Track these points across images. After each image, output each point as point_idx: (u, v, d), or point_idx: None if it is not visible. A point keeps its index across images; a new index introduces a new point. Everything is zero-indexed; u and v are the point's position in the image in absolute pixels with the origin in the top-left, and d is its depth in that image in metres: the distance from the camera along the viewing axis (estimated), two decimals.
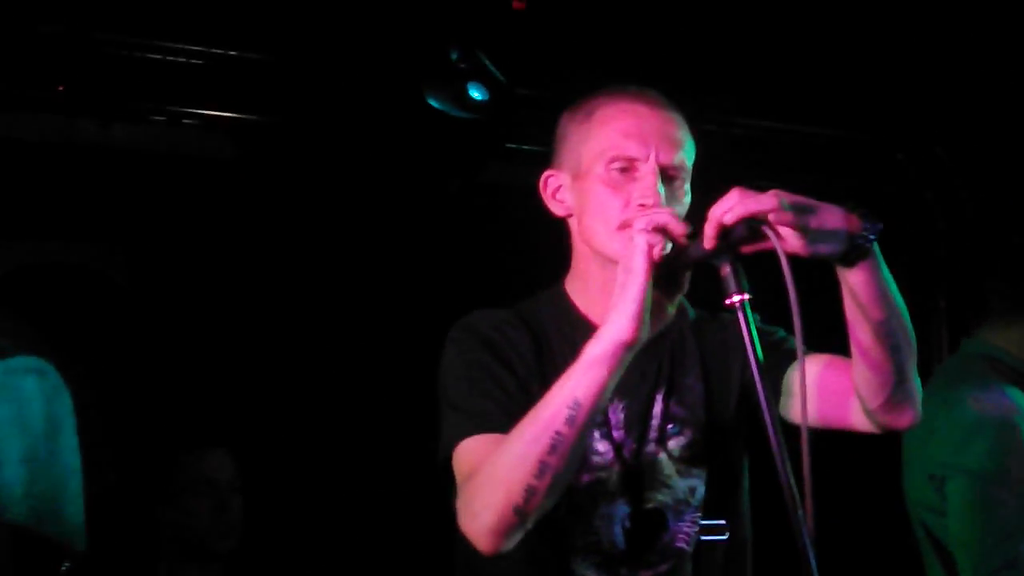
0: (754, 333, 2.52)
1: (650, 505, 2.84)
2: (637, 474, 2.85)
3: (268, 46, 5.01)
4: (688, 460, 2.90)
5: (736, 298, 2.54)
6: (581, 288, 2.93)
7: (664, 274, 2.68)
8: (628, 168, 2.80)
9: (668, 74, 5.61)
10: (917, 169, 6.60)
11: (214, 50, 4.94)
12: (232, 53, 4.98)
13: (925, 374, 6.51)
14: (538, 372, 2.83)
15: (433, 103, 5.04)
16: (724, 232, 2.55)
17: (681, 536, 2.90)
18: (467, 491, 2.66)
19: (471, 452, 2.71)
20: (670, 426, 2.89)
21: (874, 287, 2.66)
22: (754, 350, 2.51)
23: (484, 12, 4.95)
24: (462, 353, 2.83)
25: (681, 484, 2.88)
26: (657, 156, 2.80)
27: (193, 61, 4.93)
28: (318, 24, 4.97)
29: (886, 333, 2.67)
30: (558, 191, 2.94)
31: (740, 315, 2.54)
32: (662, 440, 2.88)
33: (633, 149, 2.80)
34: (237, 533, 4.87)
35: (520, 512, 2.59)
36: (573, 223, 2.94)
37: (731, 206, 2.54)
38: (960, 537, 4.01)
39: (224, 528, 4.82)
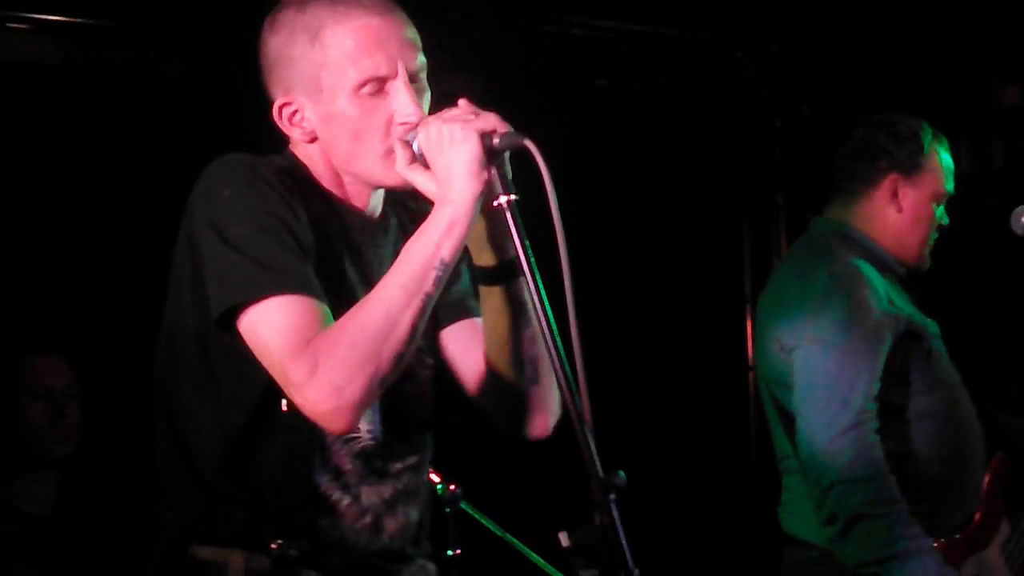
0: (523, 232, 2.56)
1: (397, 395, 2.76)
2: None
3: None
4: (425, 350, 2.86)
5: (503, 199, 2.58)
6: (327, 177, 2.79)
7: None
8: (379, 88, 2.69)
9: None
10: (755, 67, 6.64)
11: None
12: None
13: (765, 270, 6.67)
14: (311, 235, 2.67)
15: None
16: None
17: (423, 427, 2.89)
18: (310, 362, 2.49)
19: (290, 313, 2.53)
20: None
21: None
22: (524, 249, 2.55)
23: None
24: (249, 191, 2.63)
25: (420, 374, 2.84)
26: (405, 66, 2.70)
27: None
28: None
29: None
30: (294, 117, 2.77)
31: (508, 215, 2.57)
32: None
33: (382, 68, 2.68)
34: (73, 440, 4.84)
35: (385, 382, 2.54)
36: (319, 145, 2.79)
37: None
38: (803, 403, 4.11)
39: (60, 434, 4.79)
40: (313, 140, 2.78)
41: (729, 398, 6.65)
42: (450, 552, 4.18)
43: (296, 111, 2.77)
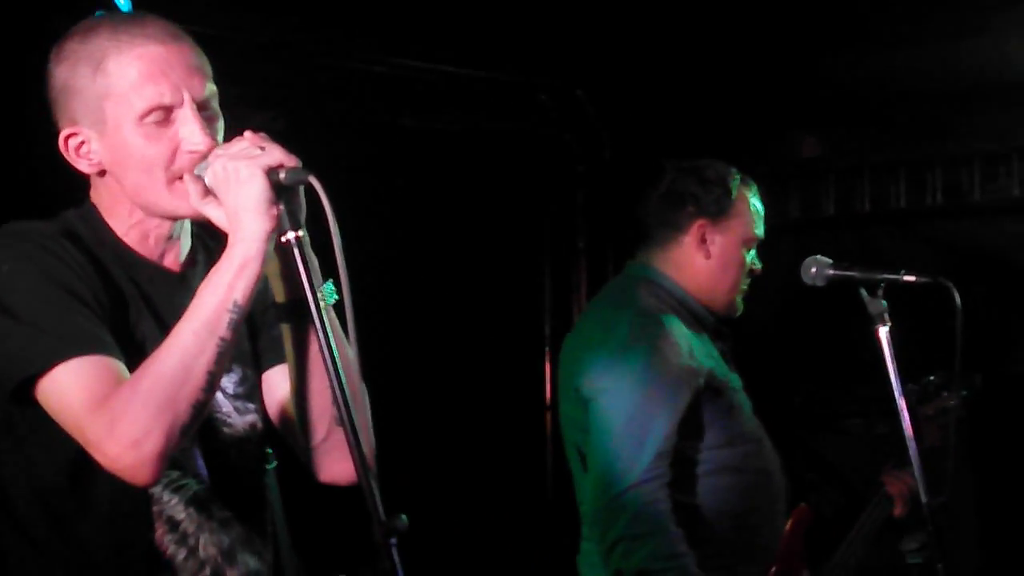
0: (312, 271, 2.54)
1: (218, 443, 2.74)
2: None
3: None
4: (244, 396, 2.83)
5: (291, 235, 2.54)
6: (122, 225, 2.74)
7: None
8: (165, 117, 2.64)
9: (307, 11, 5.58)
10: (559, 111, 6.69)
11: None
12: None
13: (565, 313, 6.71)
14: (102, 293, 2.63)
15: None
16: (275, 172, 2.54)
17: (252, 473, 2.85)
18: (107, 419, 2.44)
19: (83, 375, 2.49)
20: None
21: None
22: (312, 289, 2.52)
23: None
24: (28, 264, 2.57)
25: (240, 421, 2.80)
26: (191, 95, 2.65)
27: None
28: None
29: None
30: (81, 148, 2.71)
31: (297, 252, 2.54)
32: None
33: (166, 96, 2.63)
34: None
35: (186, 431, 2.49)
36: (108, 178, 2.73)
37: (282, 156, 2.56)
38: (594, 456, 4.11)
39: None
40: (102, 173, 2.72)
41: (527, 439, 6.66)
42: None
43: (82, 142, 2.70)
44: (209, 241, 2.86)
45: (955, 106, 6.42)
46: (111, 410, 2.46)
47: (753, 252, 4.42)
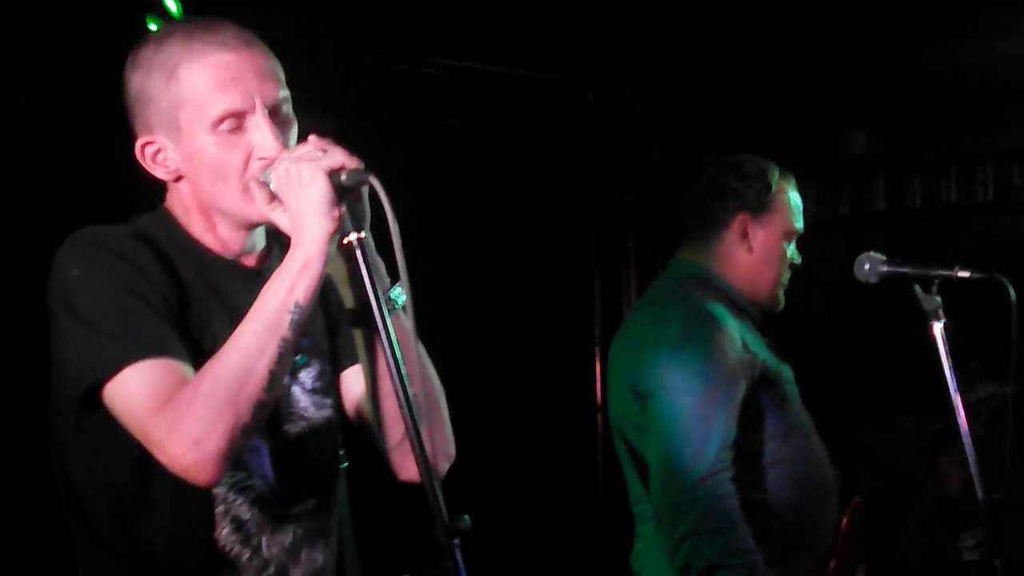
0: (373, 271, 2.54)
1: (290, 439, 2.77)
2: (272, 409, 2.69)
3: None
4: (321, 391, 2.85)
5: (353, 236, 2.55)
6: (198, 228, 2.78)
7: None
8: (237, 124, 2.67)
9: (355, 13, 5.59)
10: (607, 109, 6.69)
11: None
12: None
13: (614, 312, 6.70)
14: (172, 293, 2.67)
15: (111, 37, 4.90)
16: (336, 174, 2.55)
17: (324, 469, 2.87)
18: (170, 419, 2.47)
19: (148, 378, 2.52)
20: (298, 357, 2.78)
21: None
22: (374, 290, 2.52)
23: None
24: (97, 269, 2.62)
25: (316, 415, 2.83)
26: (263, 101, 2.67)
27: None
28: None
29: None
30: (157, 155, 2.74)
31: (359, 253, 2.54)
32: (292, 372, 2.79)
33: (238, 103, 2.66)
34: None
35: (248, 432, 2.52)
36: (183, 184, 2.76)
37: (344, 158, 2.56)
38: (658, 452, 4.09)
39: None
40: (179, 179, 2.75)
41: (578, 439, 6.66)
42: None
43: (159, 150, 2.73)
44: (283, 236, 2.88)
45: (1005, 101, 6.40)
46: (174, 410, 2.49)
47: (793, 245, 4.42)
